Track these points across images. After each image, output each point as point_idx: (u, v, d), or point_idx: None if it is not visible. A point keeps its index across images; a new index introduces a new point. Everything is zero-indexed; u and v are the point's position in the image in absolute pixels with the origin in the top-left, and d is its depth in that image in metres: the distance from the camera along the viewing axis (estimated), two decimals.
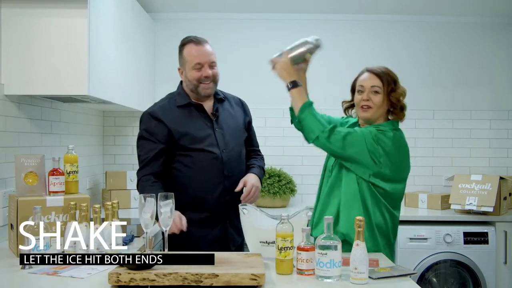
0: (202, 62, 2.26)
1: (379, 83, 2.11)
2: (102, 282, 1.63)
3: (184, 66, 2.30)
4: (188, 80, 2.29)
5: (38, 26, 2.42)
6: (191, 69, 2.27)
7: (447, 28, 4.01)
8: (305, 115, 2.08)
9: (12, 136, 2.47)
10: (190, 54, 2.28)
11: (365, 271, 1.63)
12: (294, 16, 3.97)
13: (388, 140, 2.04)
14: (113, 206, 2.03)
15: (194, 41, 2.31)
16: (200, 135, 2.27)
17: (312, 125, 2.05)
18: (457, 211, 3.45)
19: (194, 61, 2.26)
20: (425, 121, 3.99)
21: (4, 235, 2.32)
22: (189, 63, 2.27)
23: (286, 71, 2.14)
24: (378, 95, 2.11)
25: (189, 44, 2.31)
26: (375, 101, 2.10)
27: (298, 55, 2.18)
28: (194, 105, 2.32)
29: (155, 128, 2.25)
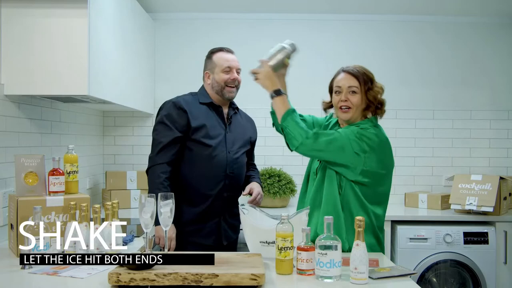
0: (232, 67, 2.53)
1: (356, 83, 2.12)
2: (102, 282, 1.63)
3: (213, 69, 2.53)
4: (216, 82, 2.52)
5: (38, 26, 2.42)
6: (221, 72, 2.51)
7: (447, 28, 4.01)
8: (287, 122, 2.08)
9: (12, 136, 2.47)
10: (222, 59, 2.53)
11: (365, 271, 1.63)
12: (294, 16, 3.97)
13: (371, 135, 2.04)
14: (113, 206, 2.03)
15: (225, 49, 2.58)
16: (213, 132, 2.46)
17: (295, 132, 2.06)
18: (457, 211, 3.45)
19: (225, 64, 2.51)
20: (425, 121, 3.99)
21: (4, 235, 2.32)
22: (220, 67, 2.52)
23: (270, 80, 2.17)
24: (356, 95, 2.11)
25: (221, 52, 2.56)
26: (354, 102, 2.11)
27: (278, 63, 2.22)
28: (214, 106, 2.54)
29: (176, 116, 2.42)
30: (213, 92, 2.54)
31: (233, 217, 2.51)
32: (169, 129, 2.40)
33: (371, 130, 2.07)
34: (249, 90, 3.97)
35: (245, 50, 3.98)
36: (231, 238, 2.53)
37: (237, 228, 2.55)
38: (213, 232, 2.46)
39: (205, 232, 2.44)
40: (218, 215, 2.47)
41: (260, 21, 3.99)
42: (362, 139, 2.02)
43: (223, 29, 3.97)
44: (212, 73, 2.53)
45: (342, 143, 2.02)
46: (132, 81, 3.32)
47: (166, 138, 2.39)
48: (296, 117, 2.10)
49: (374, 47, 3.99)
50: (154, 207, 1.76)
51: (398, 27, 4.01)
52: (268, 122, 3.99)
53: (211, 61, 2.55)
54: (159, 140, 2.41)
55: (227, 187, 2.47)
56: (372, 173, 2.04)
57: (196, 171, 2.42)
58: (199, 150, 2.42)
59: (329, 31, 3.99)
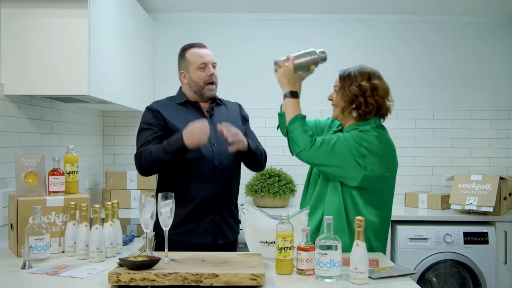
0: (207, 62, 2.39)
1: (337, 82, 2.16)
2: (102, 282, 1.63)
3: (188, 68, 2.40)
4: (193, 82, 2.40)
5: (38, 26, 2.42)
6: (196, 69, 2.38)
7: (447, 28, 4.01)
8: (294, 127, 2.07)
9: (12, 136, 2.47)
10: (195, 55, 2.40)
11: (365, 271, 1.63)
12: (294, 16, 3.97)
13: (371, 138, 2.03)
14: (113, 206, 2.03)
15: (196, 45, 2.44)
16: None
17: (299, 139, 2.04)
18: (457, 211, 3.45)
19: (199, 61, 2.38)
20: (425, 121, 3.99)
21: (4, 235, 2.32)
22: (194, 64, 2.38)
23: (287, 78, 2.13)
24: (336, 93, 2.16)
25: (192, 48, 2.43)
26: (335, 99, 2.16)
27: (303, 63, 2.15)
28: (191, 103, 2.42)
29: (152, 119, 2.35)
30: (191, 92, 2.41)
31: (230, 214, 2.42)
32: (149, 130, 2.33)
33: (372, 132, 2.05)
34: (250, 90, 3.99)
35: (245, 50, 4.00)
36: (228, 238, 2.40)
37: (234, 227, 2.45)
38: (210, 230, 2.33)
39: (201, 231, 2.32)
40: (212, 211, 2.34)
41: (260, 21, 3.99)
42: (361, 143, 2.01)
43: (223, 29, 3.97)
44: (187, 72, 2.40)
45: (342, 153, 2.00)
46: (132, 81, 3.32)
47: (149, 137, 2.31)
48: (304, 124, 2.07)
49: (374, 47, 3.99)
50: (154, 207, 1.75)
51: (398, 27, 4.01)
52: (268, 122, 4.02)
53: (184, 60, 2.42)
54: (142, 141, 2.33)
55: (219, 181, 2.33)
56: (375, 177, 2.02)
57: (184, 169, 2.30)
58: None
59: (329, 31, 3.99)
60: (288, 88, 2.13)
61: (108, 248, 1.96)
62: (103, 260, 1.92)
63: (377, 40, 4.00)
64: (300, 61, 2.15)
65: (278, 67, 2.15)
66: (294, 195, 3.76)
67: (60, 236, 2.07)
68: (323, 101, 3.62)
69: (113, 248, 1.99)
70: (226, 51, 3.90)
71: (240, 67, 3.95)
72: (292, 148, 2.09)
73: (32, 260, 1.85)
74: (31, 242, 1.90)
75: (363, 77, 2.10)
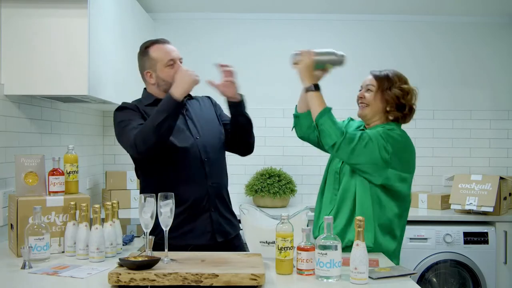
0: (175, 58, 2.23)
1: (374, 82, 2.18)
2: (102, 282, 1.63)
3: (155, 67, 2.23)
4: (162, 81, 2.23)
5: (38, 26, 2.42)
6: (164, 67, 2.21)
7: (447, 28, 4.01)
8: (324, 120, 2.06)
9: (12, 136, 2.47)
10: (161, 52, 2.22)
11: (365, 271, 1.63)
12: (294, 16, 3.97)
13: (397, 136, 2.08)
14: (113, 206, 2.03)
15: (159, 41, 2.27)
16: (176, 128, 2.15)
17: (331, 131, 2.04)
18: (457, 211, 3.45)
19: (166, 58, 2.21)
20: (425, 121, 3.99)
21: (4, 235, 2.32)
22: (161, 62, 2.21)
23: (309, 72, 2.14)
24: (370, 92, 2.18)
25: (155, 45, 2.25)
26: (367, 98, 2.18)
27: (321, 61, 2.16)
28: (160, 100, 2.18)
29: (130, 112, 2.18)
30: (160, 91, 2.23)
31: (226, 209, 2.28)
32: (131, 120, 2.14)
33: (397, 131, 2.11)
34: (250, 90, 3.98)
35: (245, 50, 4.00)
36: (229, 234, 2.25)
37: (234, 222, 2.32)
38: (207, 229, 2.19)
39: (199, 231, 2.18)
40: (207, 208, 2.20)
41: (260, 21, 3.99)
42: (387, 139, 2.04)
43: (223, 29, 3.97)
44: (154, 71, 2.22)
45: (373, 148, 2.02)
46: (132, 81, 3.32)
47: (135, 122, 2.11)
48: (333, 117, 2.08)
49: (374, 47, 3.99)
50: (154, 207, 1.75)
51: (398, 27, 4.01)
52: (268, 122, 4.02)
53: (148, 58, 2.23)
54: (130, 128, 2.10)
55: (209, 174, 2.20)
56: (395, 175, 2.06)
57: (171, 169, 2.16)
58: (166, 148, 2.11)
59: (329, 31, 3.99)
60: (311, 82, 2.13)
61: (108, 248, 1.96)
62: (103, 260, 1.91)
63: (377, 40, 4.00)
64: (319, 58, 2.16)
65: (298, 60, 2.15)
66: (294, 195, 3.76)
67: (60, 236, 2.07)
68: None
69: (113, 248, 1.99)
70: (226, 51, 3.90)
71: (240, 67, 3.91)
72: (324, 141, 2.07)
73: (32, 260, 1.85)
74: (31, 242, 1.90)
75: (401, 81, 2.17)
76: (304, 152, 3.83)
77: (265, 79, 3.92)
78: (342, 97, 3.11)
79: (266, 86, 3.90)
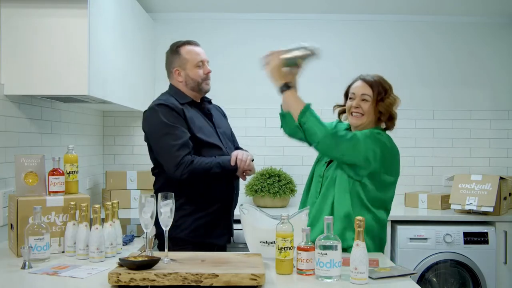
0: (204, 60, 2.43)
1: (370, 91, 2.15)
2: (102, 282, 1.63)
3: (185, 66, 2.41)
4: (190, 79, 2.41)
5: (38, 26, 2.42)
6: (194, 67, 2.40)
7: (447, 28, 4.01)
8: (306, 118, 2.06)
9: (12, 136, 2.47)
10: (192, 53, 2.42)
11: (365, 271, 1.63)
12: (294, 16, 3.97)
13: (385, 139, 2.10)
14: (113, 206, 2.03)
15: (191, 42, 2.46)
16: (207, 130, 2.39)
17: (316, 128, 2.03)
18: (457, 211, 3.45)
19: (197, 59, 2.41)
20: (425, 121, 3.99)
21: (4, 235, 2.32)
22: (192, 62, 2.40)
23: (277, 73, 2.12)
24: (367, 103, 2.15)
25: (187, 45, 2.44)
26: (364, 108, 2.15)
27: (291, 58, 2.13)
28: (196, 104, 2.44)
29: (176, 118, 2.29)
30: (188, 89, 2.42)
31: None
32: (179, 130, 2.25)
33: (384, 135, 2.13)
34: (250, 90, 3.98)
35: (245, 50, 4.00)
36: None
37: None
38: (225, 231, 2.43)
39: (218, 232, 2.38)
40: (227, 213, 2.43)
41: (260, 21, 3.98)
42: (376, 143, 2.05)
43: (223, 29, 3.97)
44: (183, 70, 2.40)
45: (358, 143, 2.03)
46: (132, 81, 3.32)
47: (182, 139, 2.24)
48: (314, 113, 2.07)
49: (374, 47, 3.99)
50: (154, 207, 1.75)
51: (398, 27, 4.01)
52: (268, 122, 4.02)
53: (179, 57, 2.41)
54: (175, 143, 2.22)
55: (235, 183, 2.45)
56: (379, 178, 2.07)
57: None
58: (203, 152, 2.31)
59: (329, 31, 3.99)
60: (281, 81, 2.11)
61: (108, 248, 1.96)
62: (103, 260, 1.92)
63: (377, 40, 4.00)
64: (287, 56, 2.12)
65: (266, 63, 2.14)
66: (294, 195, 3.76)
67: (60, 236, 2.07)
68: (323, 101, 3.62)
69: (113, 248, 1.99)
70: (226, 51, 3.90)
71: (240, 67, 3.95)
72: (310, 139, 2.07)
73: (32, 260, 1.85)
74: (31, 242, 1.90)
75: (391, 89, 2.19)
76: (304, 152, 3.80)
77: (265, 79, 3.89)
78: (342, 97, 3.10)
79: (266, 86, 3.85)
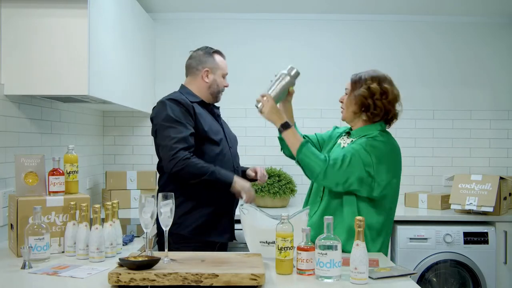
0: (227, 73, 2.58)
1: (349, 85, 2.19)
2: (102, 282, 1.63)
3: (216, 71, 2.52)
4: (216, 84, 2.52)
5: (38, 26, 2.42)
6: (222, 76, 2.55)
7: (447, 28, 4.01)
8: (303, 155, 2.06)
9: (12, 136, 2.47)
10: (223, 63, 2.57)
11: (365, 271, 1.63)
12: (294, 16, 3.97)
13: (379, 144, 2.06)
14: (113, 206, 2.03)
15: (222, 54, 2.60)
16: (215, 129, 2.46)
17: (313, 164, 2.04)
18: (457, 211, 3.45)
19: (225, 70, 2.57)
20: (425, 121, 3.99)
21: (4, 235, 2.32)
22: (222, 70, 2.54)
23: (275, 114, 2.16)
24: (346, 96, 2.19)
25: (221, 55, 2.59)
26: (344, 101, 2.20)
27: (281, 93, 2.21)
28: (205, 104, 2.50)
29: (183, 113, 2.34)
30: (207, 92, 2.51)
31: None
32: (182, 125, 2.30)
33: (379, 138, 2.08)
34: (250, 90, 3.98)
35: (245, 50, 4.00)
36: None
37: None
38: (227, 229, 2.47)
39: (220, 229, 2.43)
40: (229, 211, 2.48)
41: (260, 21, 3.99)
42: (371, 151, 2.03)
43: (223, 29, 3.97)
44: (213, 74, 2.51)
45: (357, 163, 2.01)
46: (132, 81, 3.32)
47: (183, 134, 2.28)
48: (311, 148, 2.07)
49: (374, 47, 3.99)
50: (154, 207, 1.75)
51: (398, 27, 4.01)
52: (268, 122, 4.00)
53: (214, 61, 2.52)
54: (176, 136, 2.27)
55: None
56: (385, 185, 2.06)
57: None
58: (209, 148, 2.38)
59: (329, 31, 3.99)
60: (280, 122, 2.15)
61: (108, 248, 1.96)
62: (103, 260, 1.92)
63: (377, 40, 4.00)
64: (277, 93, 2.20)
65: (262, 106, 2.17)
66: (294, 195, 3.76)
67: (60, 236, 2.07)
68: (323, 101, 3.61)
69: (113, 248, 1.99)
70: (226, 51, 3.86)
71: (240, 67, 3.95)
72: (310, 175, 2.09)
73: (32, 260, 1.85)
74: (31, 242, 1.90)
75: (373, 80, 2.14)
76: None
77: (265, 79, 3.90)
78: None
79: (266, 86, 3.89)
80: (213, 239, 2.40)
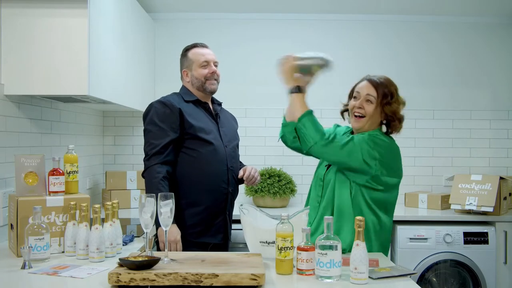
0: (209, 60, 2.50)
1: (374, 92, 2.12)
2: (102, 282, 1.63)
3: (191, 66, 2.51)
4: (195, 78, 2.50)
5: (38, 26, 2.42)
6: (198, 67, 2.49)
7: (447, 28, 4.01)
8: (303, 123, 2.04)
9: (12, 136, 2.47)
10: (197, 54, 2.51)
11: (365, 271, 1.63)
12: (294, 16, 3.97)
13: (382, 142, 2.07)
14: (113, 206, 2.03)
15: (199, 45, 2.56)
16: (208, 127, 2.44)
17: (310, 133, 2.02)
18: (457, 211, 3.45)
19: (201, 59, 2.49)
20: (425, 121, 3.99)
21: (4, 235, 2.32)
22: (197, 62, 2.49)
23: (290, 75, 2.11)
24: (371, 105, 2.12)
25: (195, 48, 2.54)
26: (367, 110, 2.12)
27: (306, 65, 2.13)
28: (200, 103, 2.51)
29: (169, 115, 2.37)
30: (194, 89, 2.52)
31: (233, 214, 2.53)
32: (162, 130, 2.34)
33: (382, 137, 2.09)
34: (250, 90, 3.99)
35: (245, 50, 4.00)
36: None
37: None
38: (221, 230, 2.45)
39: (213, 230, 2.42)
40: (223, 211, 2.46)
41: (260, 21, 3.99)
42: (373, 146, 2.03)
43: (223, 29, 3.97)
44: (190, 70, 2.52)
45: (353, 149, 2.01)
46: (132, 81, 3.32)
47: (160, 141, 2.33)
48: (314, 118, 2.05)
49: (374, 47, 3.99)
50: (154, 207, 1.75)
51: (398, 27, 4.01)
52: (268, 122, 4.02)
53: (186, 59, 2.54)
54: (153, 142, 2.34)
55: (230, 181, 2.46)
56: (383, 181, 2.06)
57: (198, 169, 2.38)
58: (199, 147, 2.38)
59: (329, 31, 3.99)
60: (293, 83, 2.11)
61: (108, 248, 1.96)
62: (103, 260, 1.92)
63: (377, 40, 4.00)
64: (302, 62, 2.13)
65: (281, 64, 2.13)
66: (294, 195, 3.76)
67: (60, 236, 2.07)
68: (323, 101, 3.61)
69: (113, 248, 1.99)
70: (226, 51, 3.90)
71: (240, 67, 3.95)
72: (304, 144, 2.07)
73: (32, 260, 1.85)
74: (31, 242, 1.90)
75: (397, 91, 2.15)
76: None
77: (265, 79, 3.91)
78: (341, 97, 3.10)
79: (266, 86, 3.90)
80: (205, 240, 2.40)
